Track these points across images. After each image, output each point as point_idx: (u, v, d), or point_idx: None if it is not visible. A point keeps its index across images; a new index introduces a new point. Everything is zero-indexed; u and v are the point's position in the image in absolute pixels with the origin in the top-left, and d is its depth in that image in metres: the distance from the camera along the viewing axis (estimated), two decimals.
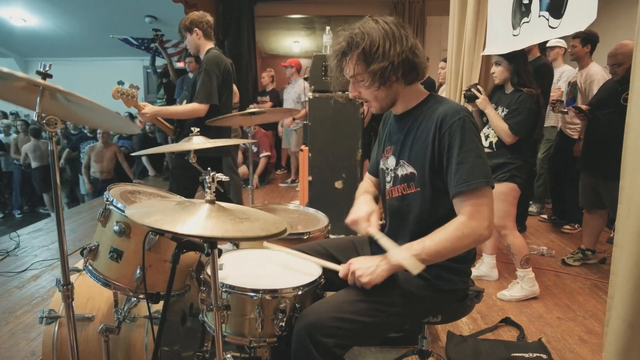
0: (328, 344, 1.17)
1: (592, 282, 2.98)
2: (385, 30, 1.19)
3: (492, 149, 2.66)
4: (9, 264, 3.39)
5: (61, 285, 1.21)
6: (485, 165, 1.20)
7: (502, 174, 2.59)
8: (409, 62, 1.21)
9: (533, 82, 2.60)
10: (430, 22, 6.95)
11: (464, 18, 3.03)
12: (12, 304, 2.73)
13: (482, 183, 1.18)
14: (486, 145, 2.69)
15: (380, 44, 1.17)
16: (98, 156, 6.17)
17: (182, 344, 1.80)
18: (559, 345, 2.23)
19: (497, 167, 2.61)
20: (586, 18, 1.71)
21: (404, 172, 1.35)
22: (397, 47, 1.18)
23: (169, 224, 0.96)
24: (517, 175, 2.59)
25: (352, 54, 1.23)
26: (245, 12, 7.03)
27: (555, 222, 4.27)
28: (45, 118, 1.12)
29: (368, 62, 1.20)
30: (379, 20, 1.22)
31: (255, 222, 1.12)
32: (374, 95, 1.28)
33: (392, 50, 1.18)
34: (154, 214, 1.00)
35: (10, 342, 2.29)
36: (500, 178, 2.59)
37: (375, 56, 1.19)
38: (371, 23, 1.22)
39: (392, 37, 1.18)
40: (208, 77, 2.67)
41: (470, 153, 1.18)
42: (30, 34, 8.62)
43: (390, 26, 1.20)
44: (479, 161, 1.19)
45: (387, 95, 1.29)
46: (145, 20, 7.83)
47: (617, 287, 1.46)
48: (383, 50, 1.18)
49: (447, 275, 1.33)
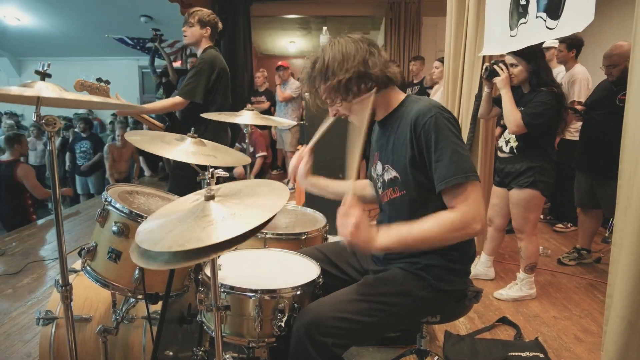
0: (327, 344, 1.17)
1: (587, 281, 3.00)
2: (336, 50, 1.29)
3: (513, 154, 2.58)
4: (4, 264, 3.37)
5: (60, 286, 1.20)
6: (462, 160, 1.19)
7: (524, 179, 2.50)
8: (361, 75, 1.28)
9: (555, 81, 2.53)
10: (426, 22, 6.97)
11: (462, 18, 3.04)
12: (7, 305, 2.70)
13: (461, 179, 1.17)
14: (507, 151, 2.61)
15: (330, 64, 1.28)
16: (117, 155, 6.19)
17: (180, 345, 1.79)
18: (555, 344, 2.24)
19: (520, 173, 2.52)
20: (584, 19, 1.72)
21: (390, 176, 1.37)
22: (344, 64, 1.27)
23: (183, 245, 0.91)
24: (540, 180, 2.48)
25: (315, 77, 1.33)
26: (241, 12, 7.01)
27: (551, 222, 4.29)
28: (44, 118, 1.11)
29: (326, 81, 1.30)
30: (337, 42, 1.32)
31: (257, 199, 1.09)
32: (347, 109, 1.35)
33: (339, 69, 1.27)
34: (165, 237, 0.96)
35: (6, 344, 2.27)
36: (522, 184, 2.51)
37: (328, 75, 1.29)
38: (328, 46, 1.33)
39: (340, 56, 1.28)
40: (197, 75, 2.65)
41: (445, 150, 1.20)
42: (24, 33, 8.55)
43: (345, 45, 1.29)
44: (455, 156, 1.19)
45: (362, 108, 1.33)
46: (141, 20, 7.80)
47: (616, 286, 1.46)
48: (332, 70, 1.28)
49: (447, 276, 1.33)
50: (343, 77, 1.27)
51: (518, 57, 2.48)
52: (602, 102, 2.98)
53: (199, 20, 2.74)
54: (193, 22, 2.75)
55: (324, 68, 1.29)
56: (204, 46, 2.79)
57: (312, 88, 1.35)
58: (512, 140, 2.59)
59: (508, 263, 3.30)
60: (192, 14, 2.76)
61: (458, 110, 3.11)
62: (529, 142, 2.51)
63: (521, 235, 2.63)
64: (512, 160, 2.58)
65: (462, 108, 3.07)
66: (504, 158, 2.66)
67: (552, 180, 2.53)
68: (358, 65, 1.27)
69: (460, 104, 3.08)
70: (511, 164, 2.59)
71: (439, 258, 1.33)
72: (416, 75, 5.37)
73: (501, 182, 2.70)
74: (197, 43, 2.79)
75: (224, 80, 2.79)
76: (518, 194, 2.55)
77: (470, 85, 3.00)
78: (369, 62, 1.28)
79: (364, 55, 1.28)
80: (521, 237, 2.63)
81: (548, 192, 2.54)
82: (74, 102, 1.21)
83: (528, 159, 2.51)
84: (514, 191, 2.57)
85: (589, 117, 3.07)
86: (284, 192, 1.08)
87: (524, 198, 2.53)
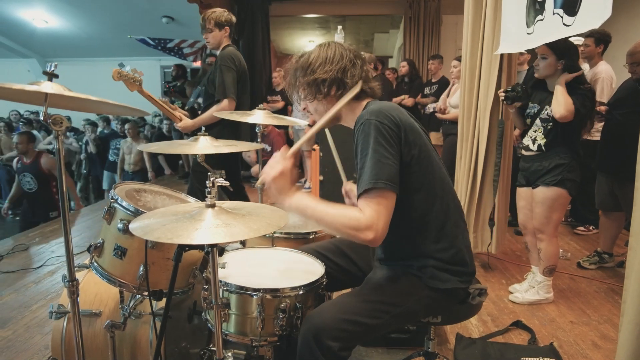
0: (334, 348, 1.17)
1: (608, 285, 2.91)
2: (322, 52, 1.37)
3: (541, 151, 2.48)
4: (27, 259, 3.48)
5: (67, 281, 1.23)
6: (376, 167, 1.19)
7: (552, 177, 2.42)
8: (336, 80, 1.35)
9: (586, 81, 2.45)
10: (445, 20, 6.88)
11: (479, 16, 2.99)
12: (28, 298, 2.80)
13: (369, 184, 1.18)
14: (534, 149, 2.52)
15: (312, 62, 1.37)
16: (128, 149, 6.42)
17: (189, 342, 1.81)
18: (571, 350, 2.18)
19: (548, 170, 2.44)
20: (600, 15, 1.67)
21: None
22: (326, 66, 1.35)
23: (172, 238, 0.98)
24: (568, 178, 2.40)
25: (297, 70, 1.41)
26: (259, 12, 7.06)
27: (572, 224, 4.18)
28: (52, 117, 1.14)
29: (304, 76, 1.39)
30: (327, 45, 1.39)
31: (256, 219, 1.12)
32: (314, 107, 1.43)
33: (320, 69, 1.35)
34: (156, 229, 1.02)
35: (26, 336, 2.34)
36: (549, 182, 2.43)
37: (307, 71, 1.37)
38: (319, 46, 1.41)
39: (324, 59, 1.36)
40: (221, 73, 2.73)
41: (364, 157, 1.22)
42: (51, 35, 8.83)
43: (334, 50, 1.37)
44: (371, 163, 1.20)
45: (326, 110, 1.40)
46: (162, 20, 7.94)
47: (630, 291, 1.41)
48: (312, 68, 1.36)
49: (441, 275, 1.33)
50: (319, 76, 1.35)
51: (550, 49, 2.39)
52: (626, 101, 2.89)
53: (216, 23, 2.80)
54: (211, 27, 2.82)
55: (306, 64, 1.37)
56: (223, 45, 2.86)
57: (293, 80, 1.43)
58: (539, 138, 2.51)
59: (524, 264, 3.23)
60: (207, 19, 2.82)
61: (475, 110, 3.05)
62: (557, 139, 2.43)
63: (542, 236, 2.53)
64: (539, 158, 2.49)
65: (479, 107, 3.01)
66: (530, 156, 2.56)
67: (579, 179, 2.44)
68: (336, 71, 1.35)
69: (478, 103, 3.03)
70: (538, 162, 2.50)
71: (432, 260, 1.33)
72: (434, 74, 5.30)
73: (526, 182, 2.62)
74: (220, 44, 2.88)
75: (242, 79, 2.83)
76: (544, 192, 2.46)
77: (487, 84, 2.95)
78: (348, 72, 1.36)
79: (345, 63, 1.36)
80: (542, 238, 2.54)
81: (574, 191, 2.44)
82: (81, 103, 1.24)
83: (557, 156, 2.42)
84: (540, 189, 2.48)
85: (611, 116, 2.98)
86: (281, 220, 1.14)
87: (550, 197, 2.44)
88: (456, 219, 1.37)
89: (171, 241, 0.95)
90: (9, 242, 3.97)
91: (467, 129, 3.13)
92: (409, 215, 1.30)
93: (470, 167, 3.07)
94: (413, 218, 1.32)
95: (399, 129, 1.25)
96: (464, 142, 3.17)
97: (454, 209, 1.37)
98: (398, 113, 1.28)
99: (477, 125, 3.03)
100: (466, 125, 3.15)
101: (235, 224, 1.04)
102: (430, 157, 1.32)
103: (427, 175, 1.31)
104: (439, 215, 1.32)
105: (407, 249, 1.36)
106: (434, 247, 1.33)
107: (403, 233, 1.32)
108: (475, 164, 3.04)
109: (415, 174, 1.28)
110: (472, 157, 3.06)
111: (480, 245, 3.13)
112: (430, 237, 1.33)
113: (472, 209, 3.08)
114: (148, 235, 0.96)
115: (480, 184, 3.02)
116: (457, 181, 3.28)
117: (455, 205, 1.38)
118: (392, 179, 1.19)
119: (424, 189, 1.31)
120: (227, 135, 2.54)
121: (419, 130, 1.33)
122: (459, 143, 3.24)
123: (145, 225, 1.02)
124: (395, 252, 1.39)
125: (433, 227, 1.33)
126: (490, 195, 3.03)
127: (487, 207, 3.06)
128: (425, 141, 1.33)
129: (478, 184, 3.02)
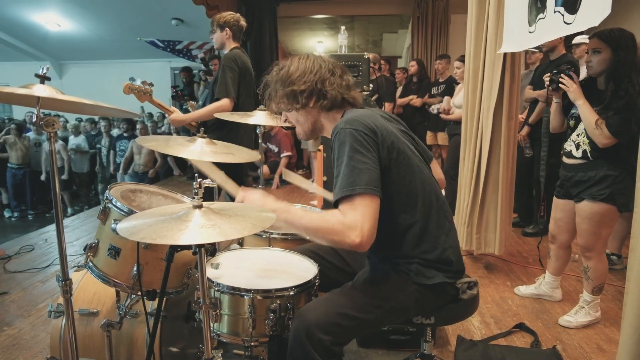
0: (326, 342, 1.17)
1: (616, 288, 2.86)
2: (301, 63, 1.39)
3: (586, 159, 2.20)
4: (35, 259, 3.53)
5: (60, 280, 1.24)
6: (352, 174, 1.19)
7: (600, 190, 2.15)
8: (314, 91, 1.37)
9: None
10: (454, 20, 6.83)
11: (482, 16, 2.96)
12: (34, 297, 2.84)
13: (346, 192, 1.18)
14: (578, 156, 2.24)
15: (292, 73, 1.38)
16: (137, 149, 6.53)
17: (187, 342, 1.83)
18: (575, 354, 2.14)
19: (595, 182, 2.16)
20: (600, 13, 1.64)
21: None
22: (304, 77, 1.37)
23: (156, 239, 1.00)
24: (618, 192, 2.12)
25: (277, 82, 1.42)
26: (267, 13, 7.09)
27: None
28: (44, 119, 1.16)
29: (283, 88, 1.40)
30: (306, 57, 1.41)
31: (242, 219, 1.12)
32: (295, 118, 1.45)
33: (298, 80, 1.37)
34: (141, 229, 1.04)
35: (31, 334, 2.38)
36: (596, 196, 2.16)
37: (286, 83, 1.38)
38: (297, 58, 1.42)
39: (303, 70, 1.38)
40: (223, 73, 2.73)
41: (340, 166, 1.24)
42: (64, 38, 8.98)
43: (312, 62, 1.39)
44: (346, 170, 1.21)
45: (306, 120, 1.44)
46: (172, 22, 8.02)
47: (630, 294, 1.38)
48: (291, 80, 1.38)
49: (427, 272, 1.33)
50: (298, 88, 1.36)
51: (602, 41, 2.09)
52: None
53: (217, 24, 2.83)
54: (214, 28, 2.86)
55: (286, 76, 1.39)
56: (230, 47, 2.86)
57: (274, 92, 1.43)
58: (582, 144, 2.21)
59: (531, 267, 3.19)
60: (212, 21, 2.87)
61: (479, 110, 3.02)
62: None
63: (590, 254, 2.29)
64: (584, 167, 2.21)
65: (482, 107, 2.98)
66: (573, 165, 2.28)
67: (629, 192, 2.09)
68: (315, 82, 1.36)
69: (481, 103, 3.00)
70: (583, 171, 2.22)
71: (417, 259, 1.34)
72: (442, 74, 5.27)
73: (566, 193, 2.38)
74: (223, 45, 2.89)
75: (246, 79, 2.83)
76: (591, 207, 2.20)
77: (490, 84, 2.91)
78: (326, 82, 1.38)
79: (323, 74, 1.38)
80: (590, 256, 2.30)
81: (626, 207, 2.13)
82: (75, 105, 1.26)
83: (605, 166, 2.14)
84: (585, 203, 2.22)
85: None
86: (267, 221, 1.14)
87: (598, 212, 2.18)
88: (439, 220, 1.36)
89: (155, 242, 0.97)
90: (17, 242, 4.04)
91: (471, 130, 3.10)
92: (388, 218, 1.30)
93: (474, 168, 3.04)
94: (393, 221, 1.32)
95: (375, 134, 1.26)
96: (468, 142, 3.14)
97: (437, 209, 1.36)
98: (373, 120, 1.30)
99: (481, 125, 3.00)
100: (470, 126, 3.12)
101: (221, 225, 1.04)
102: (410, 160, 1.32)
103: (407, 177, 1.31)
104: (420, 218, 1.32)
105: (391, 253, 1.37)
106: (417, 249, 1.33)
107: (384, 236, 1.31)
108: (478, 164, 3.01)
109: (395, 177, 1.29)
110: (475, 158, 3.03)
111: (484, 246, 3.09)
112: (412, 239, 1.33)
113: (475, 209, 3.04)
114: (133, 236, 0.98)
115: (483, 184, 2.98)
116: (460, 181, 3.25)
117: (439, 206, 1.37)
118: (371, 182, 1.19)
119: (403, 192, 1.31)
120: (227, 138, 2.55)
121: (396, 134, 1.33)
122: (462, 143, 3.21)
123: (132, 225, 1.03)
124: (380, 253, 1.40)
125: (415, 230, 1.33)
126: (494, 195, 2.99)
127: (491, 207, 3.03)
128: (404, 144, 1.33)
129: (481, 185, 2.99)
